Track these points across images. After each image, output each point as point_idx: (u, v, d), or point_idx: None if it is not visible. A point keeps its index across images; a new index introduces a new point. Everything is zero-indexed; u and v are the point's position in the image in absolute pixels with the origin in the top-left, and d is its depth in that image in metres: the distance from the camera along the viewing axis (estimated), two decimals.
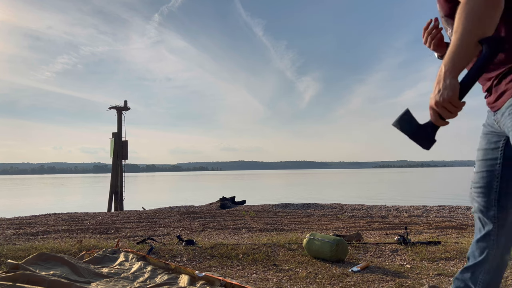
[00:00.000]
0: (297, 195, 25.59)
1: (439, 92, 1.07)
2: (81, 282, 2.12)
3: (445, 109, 1.07)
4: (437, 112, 1.09)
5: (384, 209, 9.88)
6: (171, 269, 2.40)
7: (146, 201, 22.40)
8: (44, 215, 8.33)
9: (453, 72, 1.06)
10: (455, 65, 1.06)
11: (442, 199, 17.46)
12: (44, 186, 65.25)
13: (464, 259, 2.83)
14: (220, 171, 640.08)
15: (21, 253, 2.91)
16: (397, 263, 2.77)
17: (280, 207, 10.79)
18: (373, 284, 2.24)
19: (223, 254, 3.04)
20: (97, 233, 5.40)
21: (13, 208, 21.30)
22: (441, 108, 1.08)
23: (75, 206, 19.95)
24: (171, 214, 8.59)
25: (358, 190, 34.53)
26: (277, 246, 3.30)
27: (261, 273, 2.51)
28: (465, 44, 1.04)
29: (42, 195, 38.45)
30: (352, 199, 17.18)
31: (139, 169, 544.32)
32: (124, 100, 24.91)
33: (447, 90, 1.06)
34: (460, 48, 1.05)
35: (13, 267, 2.14)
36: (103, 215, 8.63)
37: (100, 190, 41.85)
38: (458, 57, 1.06)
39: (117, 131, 24.48)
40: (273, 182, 66.73)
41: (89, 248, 3.10)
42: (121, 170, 24.08)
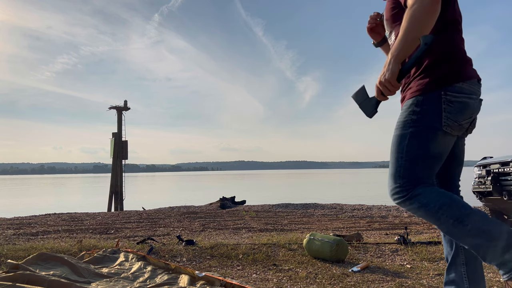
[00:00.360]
0: (297, 195, 25.59)
1: (383, 73, 1.36)
2: (81, 282, 2.11)
3: (386, 87, 1.36)
4: (380, 89, 1.39)
5: (384, 209, 9.88)
6: (171, 269, 2.40)
7: (146, 201, 22.40)
8: (44, 215, 8.33)
9: (396, 59, 1.35)
10: (398, 55, 1.35)
11: None
12: (44, 186, 65.25)
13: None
14: (220, 171, 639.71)
15: (21, 253, 2.91)
16: (397, 263, 2.77)
17: (280, 207, 10.79)
18: (373, 284, 2.24)
19: (223, 254, 3.04)
20: (97, 233, 5.39)
21: (13, 208, 21.31)
22: (383, 86, 1.37)
23: (75, 206, 19.95)
24: (171, 214, 8.58)
25: (358, 190, 34.53)
26: (277, 246, 3.30)
27: (261, 273, 2.51)
28: (407, 40, 1.34)
29: (42, 195, 38.45)
30: (352, 199, 17.18)
31: (139, 169, 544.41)
32: (124, 100, 24.94)
33: (389, 72, 1.35)
34: (403, 42, 1.34)
35: (13, 267, 2.14)
36: (103, 215, 8.63)
37: (100, 190, 41.86)
38: (401, 48, 1.35)
39: (117, 131, 24.49)
40: (273, 182, 66.73)
41: (89, 248, 3.10)
42: (121, 170, 24.08)
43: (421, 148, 1.42)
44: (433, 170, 1.45)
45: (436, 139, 1.42)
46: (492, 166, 5.49)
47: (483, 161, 5.78)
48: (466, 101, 1.40)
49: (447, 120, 1.39)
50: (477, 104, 1.44)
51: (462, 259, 1.48)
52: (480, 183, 5.58)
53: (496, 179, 5.31)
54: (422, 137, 1.43)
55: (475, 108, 1.44)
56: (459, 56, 1.44)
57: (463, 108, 1.40)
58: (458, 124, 1.41)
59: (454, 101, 1.39)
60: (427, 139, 1.42)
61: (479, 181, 5.64)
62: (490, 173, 5.47)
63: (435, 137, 1.41)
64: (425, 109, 1.42)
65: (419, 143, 1.43)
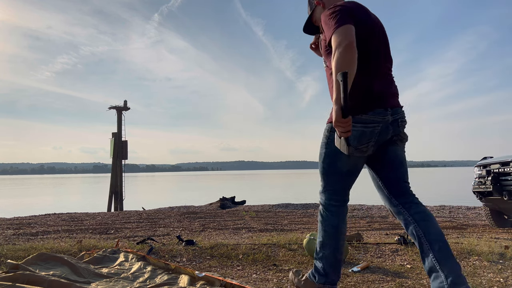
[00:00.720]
0: (297, 195, 25.58)
1: (334, 116, 1.61)
2: (81, 282, 2.11)
3: (339, 127, 1.59)
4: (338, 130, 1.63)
5: (384, 209, 9.87)
6: (171, 269, 2.39)
7: (146, 201, 22.40)
8: (44, 215, 8.33)
9: (335, 102, 1.61)
10: (335, 98, 1.61)
11: (442, 199, 17.45)
12: (44, 186, 65.24)
13: (464, 259, 2.83)
14: (220, 171, 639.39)
15: (20, 253, 2.91)
16: (398, 263, 2.77)
17: (280, 207, 10.78)
18: (373, 284, 2.24)
19: (223, 254, 3.03)
20: (97, 233, 5.39)
21: (12, 208, 21.30)
22: (337, 127, 1.61)
23: (75, 206, 19.95)
24: (171, 214, 8.58)
25: (358, 190, 34.53)
26: (277, 246, 3.30)
27: (261, 273, 2.51)
28: (337, 83, 1.60)
29: (42, 195, 38.44)
30: (352, 199, 17.14)
31: (139, 169, 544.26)
32: (124, 100, 24.93)
33: (335, 114, 1.60)
34: (335, 85, 1.62)
35: (13, 267, 2.14)
36: (103, 215, 8.62)
37: (100, 190, 41.85)
38: (336, 90, 1.61)
39: (117, 131, 24.48)
40: (273, 182, 66.71)
41: (89, 248, 3.10)
42: (121, 170, 24.07)
43: (332, 166, 1.86)
44: (346, 184, 1.90)
45: (342, 160, 1.82)
46: (492, 166, 5.48)
47: (483, 161, 5.77)
48: (362, 130, 1.76)
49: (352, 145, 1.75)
50: (379, 130, 1.79)
51: (427, 246, 1.71)
52: (480, 183, 5.58)
53: (496, 179, 5.31)
54: (332, 158, 1.85)
55: (373, 135, 1.78)
56: (360, 92, 1.77)
57: (359, 136, 1.76)
58: (355, 148, 1.77)
59: (353, 130, 1.73)
60: (335, 159, 1.84)
61: (479, 181, 5.63)
62: (490, 173, 5.47)
63: (341, 159, 1.82)
64: (333, 134, 1.82)
65: (330, 162, 1.86)
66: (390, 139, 1.86)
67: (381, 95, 1.80)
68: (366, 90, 1.78)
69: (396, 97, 1.91)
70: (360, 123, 1.75)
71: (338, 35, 1.68)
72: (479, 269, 2.54)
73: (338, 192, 1.89)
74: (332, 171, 1.87)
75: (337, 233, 1.89)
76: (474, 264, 2.69)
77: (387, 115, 1.80)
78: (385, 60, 1.89)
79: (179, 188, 50.39)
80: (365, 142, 1.78)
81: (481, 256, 2.83)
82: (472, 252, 2.96)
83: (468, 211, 9.01)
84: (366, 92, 1.78)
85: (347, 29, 1.68)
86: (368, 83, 1.79)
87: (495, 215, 5.99)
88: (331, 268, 1.90)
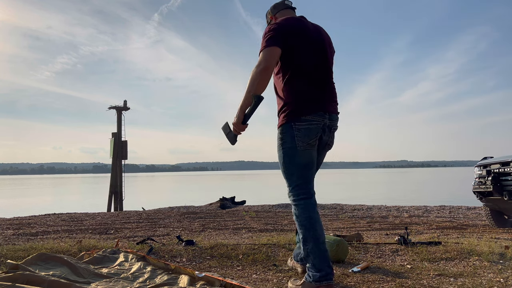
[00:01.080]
0: None
1: (235, 118, 2.09)
2: (80, 283, 2.11)
3: (237, 126, 2.10)
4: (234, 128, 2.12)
5: (384, 209, 9.87)
6: (171, 270, 2.39)
7: (146, 201, 22.39)
8: (44, 215, 8.32)
9: (241, 109, 2.07)
10: (242, 105, 2.06)
11: (442, 199, 17.45)
12: (43, 186, 65.24)
13: (464, 259, 2.83)
14: (220, 171, 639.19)
15: (20, 253, 2.90)
16: (398, 264, 2.76)
17: (280, 207, 10.78)
18: (374, 285, 2.24)
19: (223, 255, 3.03)
20: (97, 233, 5.39)
21: (12, 208, 21.30)
22: (234, 127, 2.12)
23: (74, 206, 19.94)
24: (171, 214, 8.58)
25: (358, 190, 34.52)
26: (277, 246, 3.30)
27: (261, 274, 2.50)
28: (246, 95, 2.02)
29: (41, 195, 38.44)
30: (352, 199, 17.17)
31: (139, 169, 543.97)
32: (124, 100, 24.90)
33: (236, 118, 2.08)
34: (244, 96, 2.04)
35: (13, 267, 2.13)
36: (103, 215, 8.62)
37: (99, 190, 41.84)
38: (243, 101, 2.04)
39: (117, 131, 24.46)
40: (273, 182, 66.70)
41: (88, 248, 3.09)
42: (121, 170, 24.06)
43: (291, 163, 2.12)
44: (307, 177, 2.14)
45: (298, 154, 2.10)
46: (493, 166, 5.48)
47: (483, 161, 5.77)
48: (309, 127, 2.07)
49: (299, 141, 2.08)
50: (320, 128, 2.10)
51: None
52: (481, 183, 5.57)
53: (496, 179, 5.30)
54: (289, 156, 2.11)
55: (318, 130, 2.10)
56: (301, 99, 2.09)
57: (307, 133, 2.07)
58: (307, 144, 2.09)
59: (301, 128, 2.07)
60: (292, 155, 2.11)
61: (480, 181, 5.63)
62: (490, 173, 5.46)
63: (297, 153, 2.10)
64: (285, 135, 2.11)
65: (289, 160, 2.12)
66: (324, 144, 2.21)
67: (321, 101, 2.13)
68: (308, 97, 2.11)
69: (334, 104, 2.22)
70: (306, 122, 2.08)
71: (262, 56, 2.03)
72: (479, 269, 2.54)
73: (302, 187, 2.13)
74: (292, 168, 2.12)
75: (312, 223, 2.07)
76: (474, 264, 2.69)
77: (326, 119, 2.13)
78: (324, 70, 2.18)
79: (179, 188, 50.39)
80: (313, 137, 2.10)
81: (481, 256, 2.83)
82: (472, 252, 2.96)
83: (468, 211, 9.00)
84: (308, 98, 2.11)
85: (270, 52, 2.03)
86: (310, 90, 2.12)
87: (495, 215, 5.99)
88: (320, 261, 2.02)
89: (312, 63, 2.13)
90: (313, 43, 2.15)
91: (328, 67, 2.21)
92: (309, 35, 2.14)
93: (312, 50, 2.13)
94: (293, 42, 2.08)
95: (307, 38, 2.13)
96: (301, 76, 2.10)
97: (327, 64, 2.20)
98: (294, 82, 2.11)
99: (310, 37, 2.15)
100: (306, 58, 2.12)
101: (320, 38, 2.20)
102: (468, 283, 2.22)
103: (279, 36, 2.05)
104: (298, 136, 2.07)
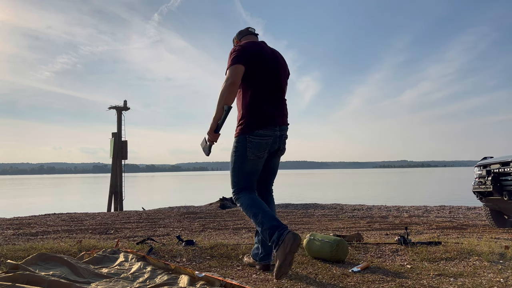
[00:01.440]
0: (297, 195, 25.57)
1: (209, 127, 2.44)
2: (80, 283, 2.11)
3: (211, 135, 2.47)
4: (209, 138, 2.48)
5: (384, 209, 9.87)
6: (171, 270, 2.39)
7: (146, 201, 22.39)
8: (44, 215, 8.32)
9: (214, 120, 2.42)
10: (214, 116, 2.41)
11: (442, 199, 17.45)
12: (43, 186, 65.22)
13: (464, 259, 2.83)
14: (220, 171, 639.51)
15: (20, 253, 2.90)
16: (398, 264, 2.76)
17: (280, 207, 10.78)
18: (374, 285, 2.24)
19: (223, 255, 3.03)
20: (97, 233, 5.39)
21: (12, 208, 21.30)
22: (209, 134, 2.47)
23: (74, 206, 19.94)
24: (171, 214, 8.58)
25: (358, 190, 34.52)
26: None
27: (261, 274, 2.50)
28: (218, 107, 2.38)
29: (41, 195, 38.43)
30: (352, 199, 17.17)
31: (139, 169, 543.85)
32: (124, 100, 24.86)
33: (210, 128, 2.44)
34: (217, 109, 2.38)
35: (13, 267, 2.13)
36: (103, 215, 8.62)
37: (99, 190, 41.83)
38: (216, 113, 2.39)
39: (117, 131, 24.43)
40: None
41: (88, 248, 3.09)
42: (121, 170, 24.03)
43: (240, 168, 2.48)
44: (251, 181, 2.52)
45: (247, 163, 2.46)
46: (493, 166, 5.48)
47: (483, 161, 5.77)
48: (260, 142, 2.42)
49: (249, 153, 2.43)
50: (271, 141, 2.46)
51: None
52: (481, 183, 5.57)
53: (496, 179, 5.30)
54: (239, 162, 2.48)
55: (268, 144, 2.46)
56: (256, 115, 2.43)
57: (258, 146, 2.43)
58: (256, 155, 2.44)
59: (253, 141, 2.42)
60: (242, 163, 2.47)
61: (480, 181, 5.63)
62: (490, 173, 5.46)
63: (246, 162, 2.46)
64: (239, 145, 2.46)
65: (239, 166, 2.48)
66: (276, 150, 2.55)
67: (273, 116, 2.48)
68: (262, 113, 2.45)
69: (285, 118, 2.59)
70: (259, 136, 2.42)
71: (228, 73, 2.38)
72: (479, 269, 2.54)
73: (246, 188, 2.51)
74: (240, 173, 2.50)
75: (256, 205, 2.41)
76: (474, 264, 2.69)
77: (276, 131, 2.48)
78: (277, 89, 2.55)
79: (179, 188, 50.37)
80: (263, 150, 2.46)
81: (481, 256, 2.83)
82: (472, 252, 2.96)
83: (468, 211, 9.00)
84: (262, 114, 2.45)
85: (235, 69, 2.38)
86: (264, 107, 2.46)
87: (495, 215, 5.99)
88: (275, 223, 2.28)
89: (268, 83, 2.49)
90: (269, 66, 2.51)
91: (281, 87, 2.58)
92: (266, 59, 2.51)
93: (268, 71, 2.49)
94: (253, 63, 2.44)
95: (265, 61, 2.49)
96: (257, 94, 2.46)
97: (280, 84, 2.57)
98: (251, 99, 2.45)
99: (267, 60, 2.51)
100: (263, 78, 2.47)
101: (276, 61, 2.57)
102: (468, 283, 2.22)
103: (243, 56, 2.41)
104: (250, 148, 2.42)
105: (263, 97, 2.47)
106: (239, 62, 2.39)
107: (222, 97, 2.34)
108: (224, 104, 2.35)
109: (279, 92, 2.57)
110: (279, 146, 2.55)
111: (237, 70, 2.38)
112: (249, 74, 2.43)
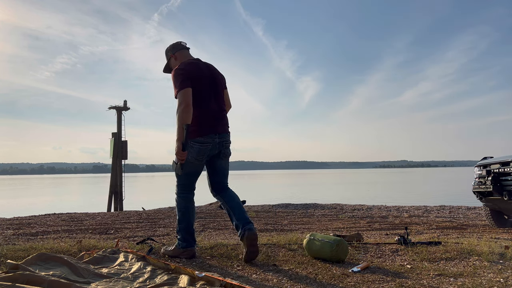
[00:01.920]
0: (297, 195, 25.57)
1: (176, 149, 2.71)
2: (80, 283, 2.11)
3: (179, 156, 2.72)
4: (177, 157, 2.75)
5: (384, 209, 9.87)
6: (171, 270, 2.39)
7: (146, 201, 22.39)
8: (44, 215, 8.32)
9: (177, 140, 2.69)
10: (178, 137, 2.68)
11: (442, 199, 17.45)
12: (43, 186, 65.20)
13: (464, 259, 2.83)
14: None
15: (20, 253, 2.90)
16: (398, 264, 2.76)
17: (280, 207, 10.78)
18: (374, 285, 2.24)
19: (223, 255, 3.03)
20: (97, 233, 5.39)
21: (12, 208, 21.30)
22: (177, 155, 2.73)
23: (74, 206, 19.94)
24: (171, 214, 8.58)
25: (358, 190, 34.52)
26: (277, 246, 3.30)
27: (261, 274, 2.50)
28: (178, 129, 2.66)
29: (41, 195, 38.42)
30: (352, 199, 17.17)
31: (139, 169, 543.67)
32: (124, 100, 24.86)
33: (176, 148, 2.71)
34: (178, 131, 2.67)
35: (13, 267, 2.13)
36: (103, 215, 8.62)
37: (99, 190, 41.82)
38: (178, 134, 2.67)
39: (117, 131, 24.42)
40: (273, 182, 66.69)
41: (88, 248, 3.09)
42: (121, 170, 24.03)
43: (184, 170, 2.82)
44: (191, 181, 2.93)
45: (189, 166, 2.82)
46: (493, 166, 5.48)
47: (483, 161, 5.77)
48: (200, 148, 2.78)
49: (190, 157, 2.79)
50: (209, 148, 2.82)
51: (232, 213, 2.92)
52: (481, 183, 5.57)
53: (496, 179, 5.30)
54: (184, 164, 2.80)
55: (207, 151, 2.82)
56: (199, 123, 2.77)
57: (197, 151, 2.79)
58: (195, 159, 2.81)
59: (194, 147, 2.77)
60: (184, 164, 2.79)
61: (480, 181, 5.63)
62: (490, 173, 5.46)
63: (189, 166, 2.82)
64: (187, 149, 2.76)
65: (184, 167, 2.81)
66: (218, 154, 2.90)
67: (212, 125, 2.82)
68: (203, 122, 2.79)
69: (225, 126, 2.93)
70: (199, 143, 2.77)
71: (180, 97, 2.67)
72: (479, 269, 2.54)
73: (186, 186, 2.93)
74: (182, 173, 2.85)
75: (187, 212, 2.92)
76: (474, 264, 2.69)
77: (216, 138, 2.82)
78: (216, 101, 2.89)
79: None
80: (202, 155, 2.81)
81: (481, 256, 2.83)
82: (472, 252, 2.96)
83: (468, 211, 9.00)
84: (203, 123, 2.79)
85: (186, 92, 2.68)
86: (205, 117, 2.81)
87: (495, 215, 5.99)
88: (188, 235, 2.90)
89: (208, 97, 2.84)
90: (207, 81, 2.86)
91: (220, 98, 2.93)
92: (204, 76, 2.85)
93: (207, 87, 2.85)
94: (195, 83, 2.76)
95: (204, 78, 2.85)
96: (200, 107, 2.78)
97: (219, 96, 2.92)
98: (195, 112, 2.74)
99: (205, 77, 2.85)
100: (204, 94, 2.82)
101: (212, 76, 2.92)
102: (468, 283, 2.22)
103: (187, 79, 2.72)
104: (190, 152, 2.77)
105: (205, 110, 2.81)
106: (187, 85, 2.70)
107: (182, 119, 2.63)
108: (184, 124, 2.64)
109: (219, 104, 2.92)
110: (221, 150, 2.89)
111: (187, 93, 2.68)
112: (193, 92, 2.74)
